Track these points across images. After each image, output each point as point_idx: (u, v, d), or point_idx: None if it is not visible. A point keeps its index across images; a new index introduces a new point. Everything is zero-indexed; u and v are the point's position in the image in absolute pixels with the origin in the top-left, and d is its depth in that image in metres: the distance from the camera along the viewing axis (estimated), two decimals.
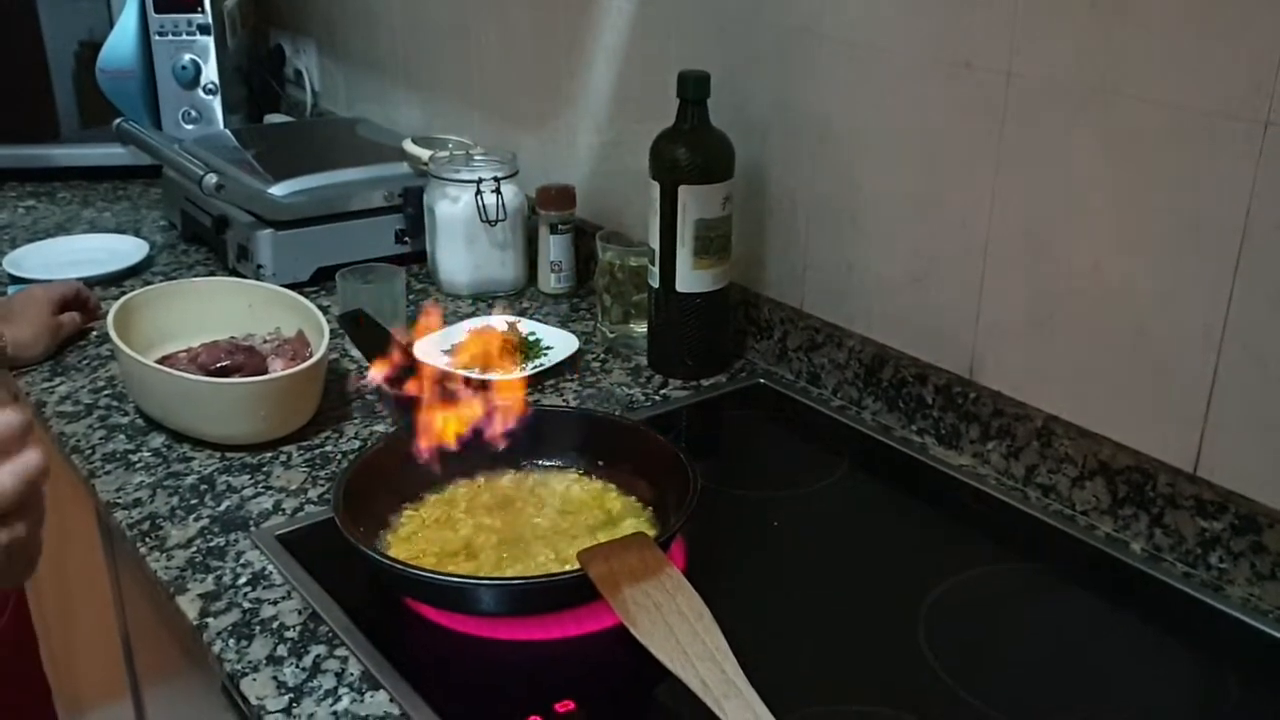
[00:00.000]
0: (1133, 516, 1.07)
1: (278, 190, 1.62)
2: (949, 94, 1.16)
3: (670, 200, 1.31)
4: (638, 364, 1.42)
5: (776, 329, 1.41)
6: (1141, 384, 1.06)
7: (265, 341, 1.37)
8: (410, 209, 1.67)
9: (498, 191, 1.56)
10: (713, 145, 1.32)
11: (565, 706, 0.86)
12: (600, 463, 1.12)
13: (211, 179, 1.55)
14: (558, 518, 1.06)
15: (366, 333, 1.31)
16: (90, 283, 1.63)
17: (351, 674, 0.90)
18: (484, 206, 1.55)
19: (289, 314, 1.38)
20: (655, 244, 1.34)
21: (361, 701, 0.88)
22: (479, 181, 1.55)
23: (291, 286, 1.59)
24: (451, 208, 1.58)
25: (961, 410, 1.21)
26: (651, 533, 1.04)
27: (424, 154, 1.64)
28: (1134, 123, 1.01)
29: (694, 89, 1.30)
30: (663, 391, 1.36)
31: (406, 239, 1.69)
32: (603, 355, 1.45)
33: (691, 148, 1.30)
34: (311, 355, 1.27)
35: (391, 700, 0.88)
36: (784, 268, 1.41)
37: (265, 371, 1.29)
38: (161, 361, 1.32)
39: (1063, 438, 1.12)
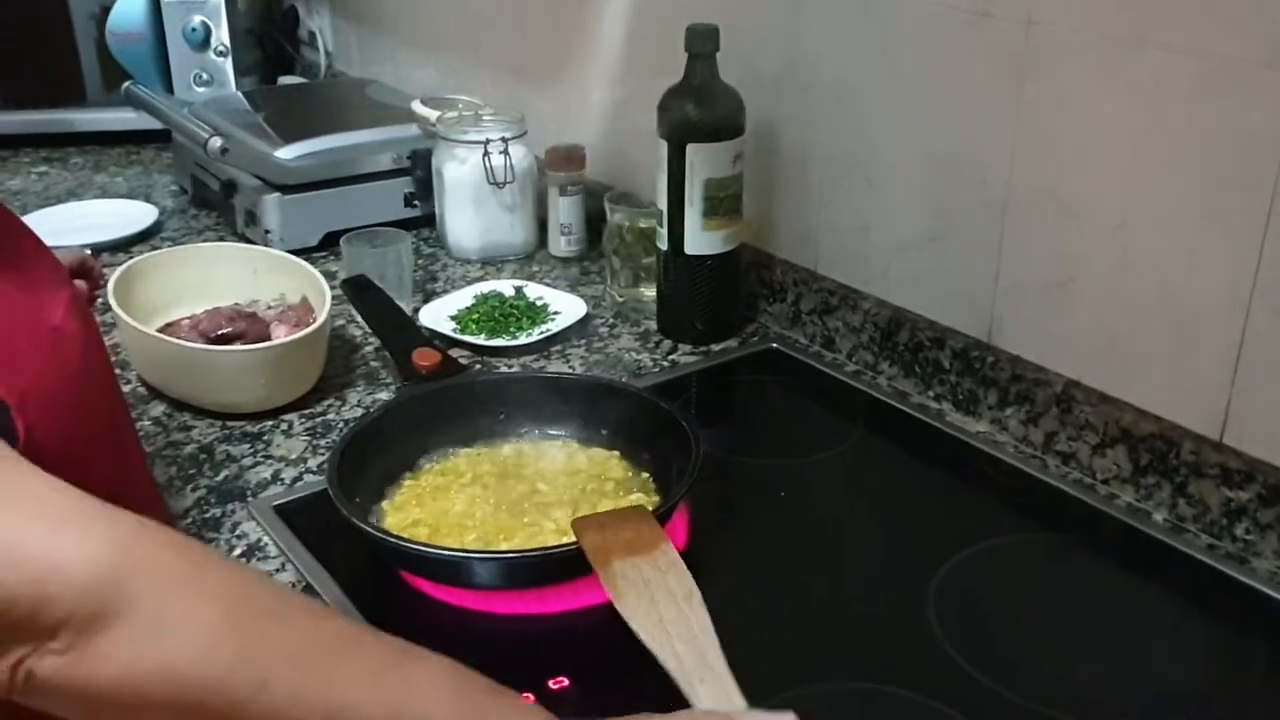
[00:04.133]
0: (1155, 486, 1.03)
1: (284, 154, 1.59)
2: (966, 44, 1.11)
3: (678, 159, 1.27)
4: (647, 329, 1.39)
5: (790, 291, 1.37)
6: (1165, 348, 1.01)
7: (269, 308, 1.35)
8: (419, 171, 1.64)
9: (506, 153, 1.52)
10: (722, 101, 1.27)
11: (559, 683, 0.84)
12: (604, 431, 1.09)
13: (216, 142, 1.53)
14: (558, 488, 1.03)
15: (370, 299, 1.29)
16: (98, 249, 1.61)
17: None
18: (491, 168, 1.52)
19: (294, 280, 1.35)
20: (663, 205, 1.30)
21: None
22: (486, 143, 1.52)
23: (300, 252, 1.57)
24: (459, 169, 1.55)
25: (979, 375, 1.17)
26: (654, 501, 1.01)
27: (432, 115, 1.60)
28: (1162, 73, 0.96)
29: (702, 42, 1.25)
30: (671, 357, 1.33)
31: (416, 202, 1.66)
32: (612, 320, 1.42)
33: (700, 104, 1.26)
34: (315, 322, 1.25)
35: None
36: (797, 228, 1.37)
37: (268, 339, 1.27)
38: (164, 329, 1.30)
39: (1083, 404, 1.08)
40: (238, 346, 1.22)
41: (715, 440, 1.19)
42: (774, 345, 1.35)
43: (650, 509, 0.97)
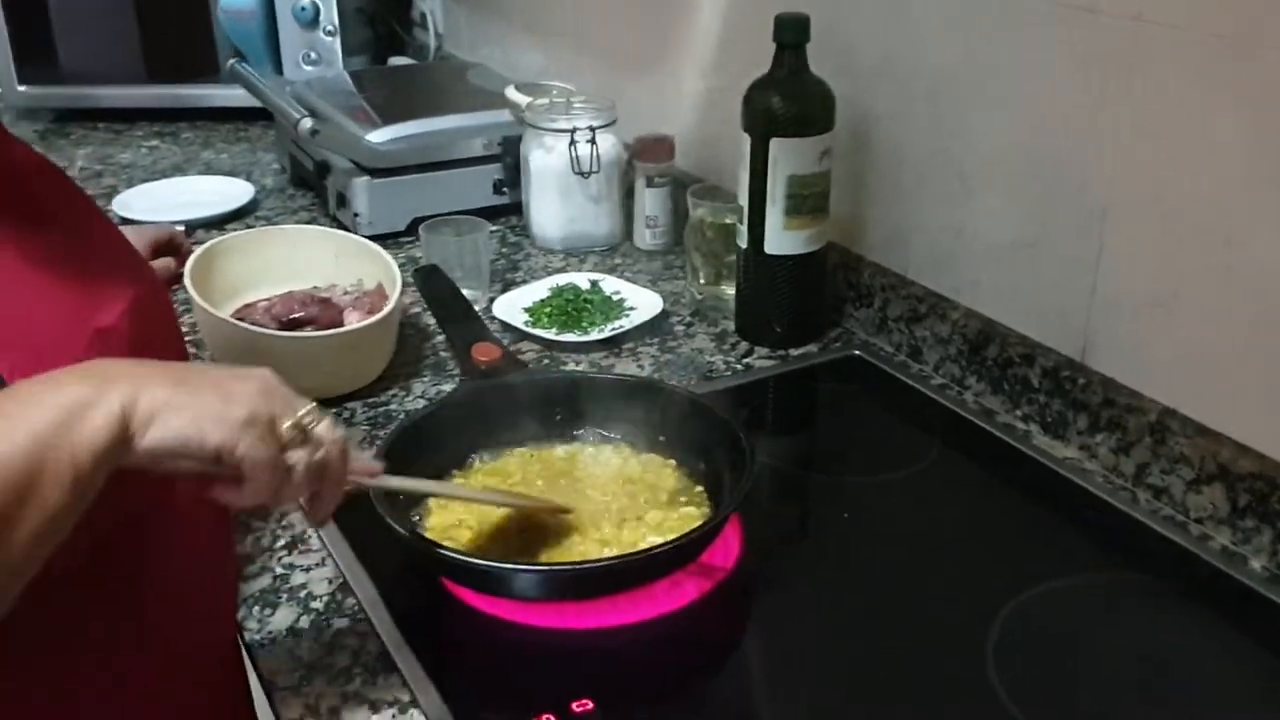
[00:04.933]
0: (1254, 529, 0.94)
1: (375, 137, 1.59)
2: (1070, 41, 1.03)
3: (761, 153, 1.21)
4: (725, 329, 1.34)
5: (877, 296, 1.31)
6: (1272, 377, 0.92)
7: (345, 293, 1.34)
8: (509, 158, 1.61)
9: (593, 142, 1.48)
10: (810, 94, 1.21)
11: (583, 706, 0.80)
12: (661, 437, 1.05)
13: (307, 124, 1.52)
14: (608, 495, 1.00)
15: (438, 288, 1.26)
16: (192, 225, 1.63)
17: (369, 653, 0.86)
18: (577, 157, 1.48)
19: (371, 266, 1.34)
20: (744, 201, 1.25)
21: (373, 684, 0.83)
22: (573, 131, 1.48)
23: (387, 236, 1.57)
24: (545, 158, 1.51)
25: (1070, 397, 1.09)
26: (704, 514, 0.97)
27: (523, 101, 1.57)
28: (1277, 76, 0.87)
29: (790, 32, 1.19)
30: (746, 360, 1.28)
31: (505, 190, 1.64)
32: (689, 318, 1.37)
33: (786, 97, 1.20)
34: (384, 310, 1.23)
35: (403, 684, 0.83)
36: (888, 230, 1.30)
37: (340, 324, 1.26)
38: (241, 310, 1.30)
39: (1179, 434, 0.99)
40: (302, 333, 1.21)
41: (783, 452, 1.15)
42: (857, 353, 1.29)
43: (699, 522, 0.93)
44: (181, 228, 1.59)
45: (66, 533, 0.60)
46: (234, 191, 1.76)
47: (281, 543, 0.99)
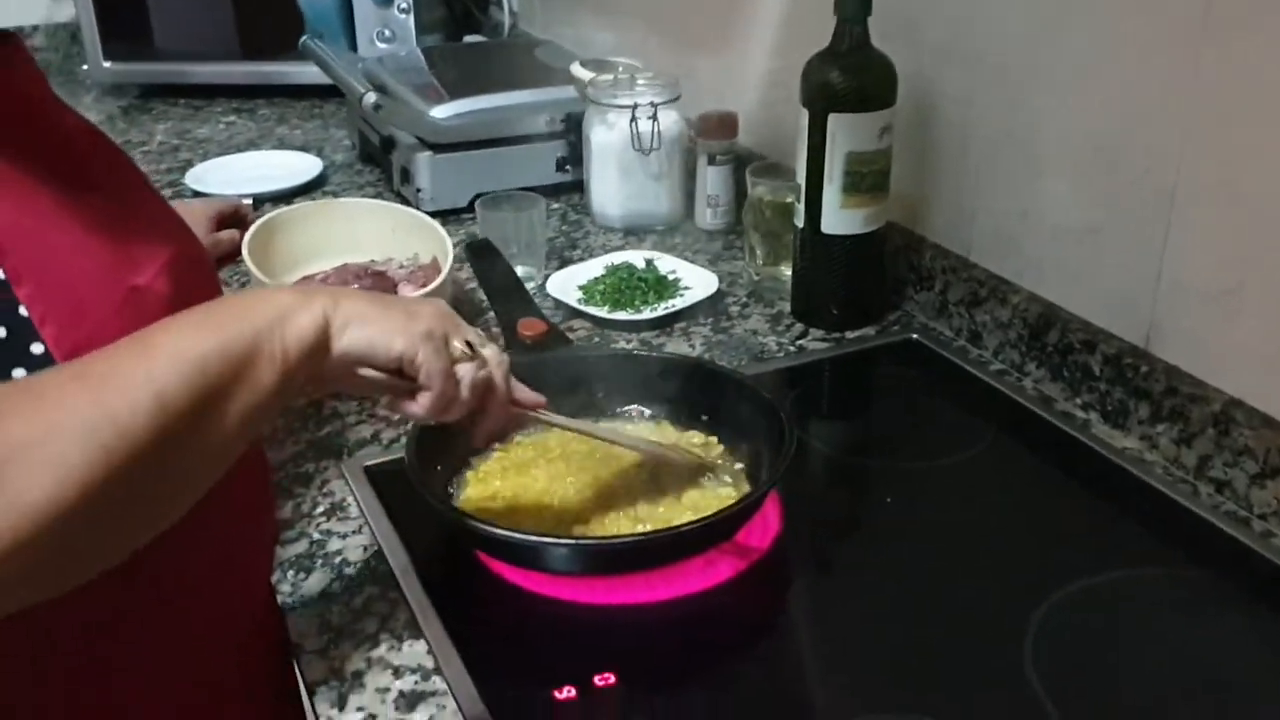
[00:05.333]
0: None
1: (439, 112, 1.59)
2: (1143, 19, 0.99)
3: (819, 129, 1.19)
4: (780, 310, 1.32)
5: (938, 279, 1.27)
6: None
7: (401, 267, 1.34)
8: (572, 135, 1.61)
9: (654, 118, 1.47)
10: (871, 69, 1.18)
11: (605, 679, 0.79)
12: (704, 416, 1.03)
13: (371, 98, 1.53)
14: (647, 471, 0.98)
15: (488, 263, 1.26)
16: (260, 199, 1.66)
17: (397, 620, 0.86)
18: (638, 134, 1.47)
19: (427, 240, 1.34)
20: (801, 179, 1.23)
21: (398, 650, 0.83)
22: (634, 107, 1.46)
23: (450, 212, 1.57)
24: (606, 134, 1.50)
25: (1131, 385, 1.05)
26: (744, 491, 0.95)
27: (587, 76, 1.56)
28: None
29: (852, 5, 1.16)
30: (800, 342, 1.25)
31: (568, 167, 1.63)
32: (745, 299, 1.35)
33: (846, 71, 1.17)
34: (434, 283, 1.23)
35: (428, 652, 0.82)
36: (952, 210, 1.27)
37: None
38: (298, 282, 1.31)
39: (1244, 426, 0.95)
40: None
41: (832, 436, 1.12)
42: (914, 336, 1.26)
43: (735, 499, 0.92)
44: (249, 201, 1.63)
45: (268, 423, 0.73)
46: (303, 166, 1.78)
47: (321, 509, 0.99)
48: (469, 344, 0.77)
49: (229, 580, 0.82)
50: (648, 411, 1.05)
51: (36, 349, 0.64)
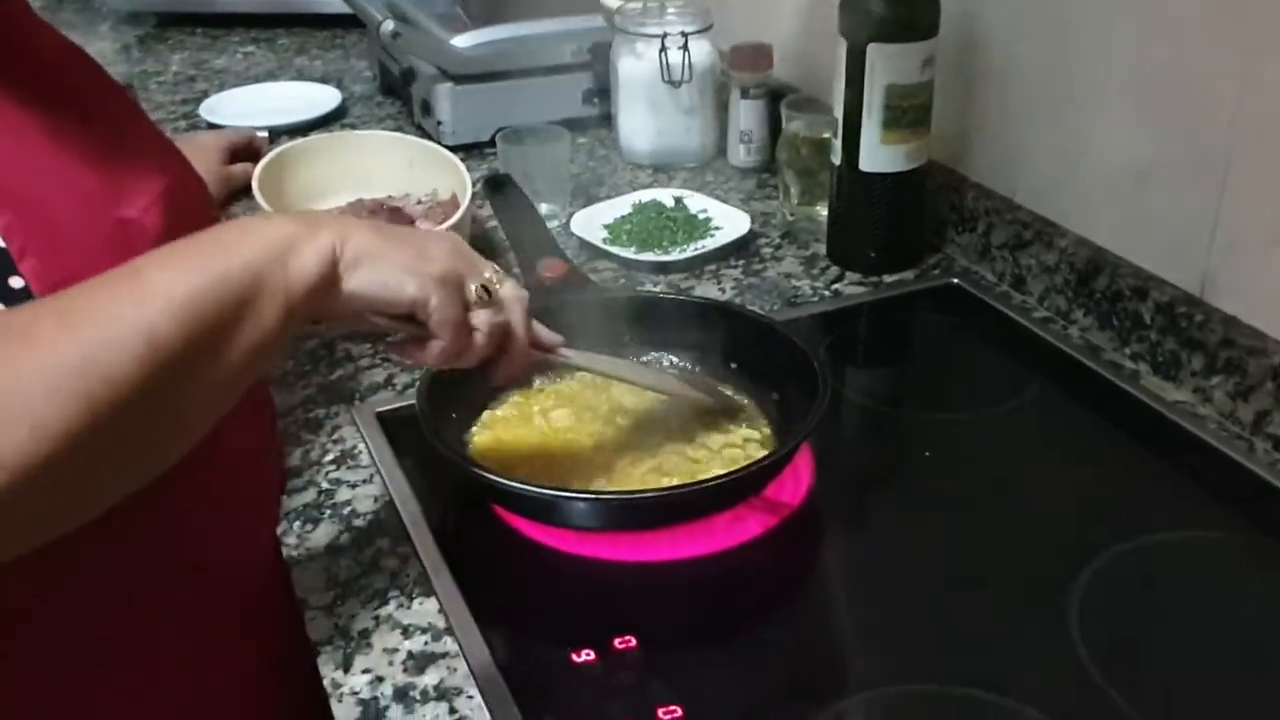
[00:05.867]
0: None
1: (460, 41, 1.53)
2: None
3: (858, 61, 1.12)
4: (815, 252, 1.26)
5: (981, 221, 1.21)
6: None
7: (419, 203, 1.29)
8: (599, 66, 1.54)
9: (685, 49, 1.40)
10: None
11: (625, 643, 0.75)
12: (732, 364, 0.98)
13: (389, 26, 1.47)
14: (672, 423, 0.93)
15: (508, 200, 1.21)
16: (277, 131, 1.60)
17: (407, 576, 0.82)
18: (668, 65, 1.40)
19: (445, 176, 1.29)
20: (839, 113, 1.16)
21: (407, 608, 0.79)
22: (664, 37, 1.40)
23: (472, 146, 1.51)
24: (635, 65, 1.44)
25: (1185, 335, 0.99)
26: (769, 445, 0.90)
27: (615, 3, 1.49)
28: None
29: None
30: (835, 286, 1.20)
31: (595, 100, 1.56)
32: (778, 240, 1.29)
33: None
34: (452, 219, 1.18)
35: (439, 611, 0.79)
36: (997, 149, 1.20)
37: None
38: (301, 212, 1.26)
39: None
40: None
41: (868, 386, 1.07)
42: (955, 281, 1.20)
43: (764, 453, 0.87)
44: (264, 134, 1.58)
45: (270, 364, 0.64)
46: (321, 98, 1.72)
47: (330, 457, 0.95)
48: (485, 288, 0.72)
49: (232, 531, 0.79)
50: (673, 358, 1.01)
51: (15, 283, 0.59)
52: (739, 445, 0.92)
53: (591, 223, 1.29)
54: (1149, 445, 0.97)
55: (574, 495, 0.82)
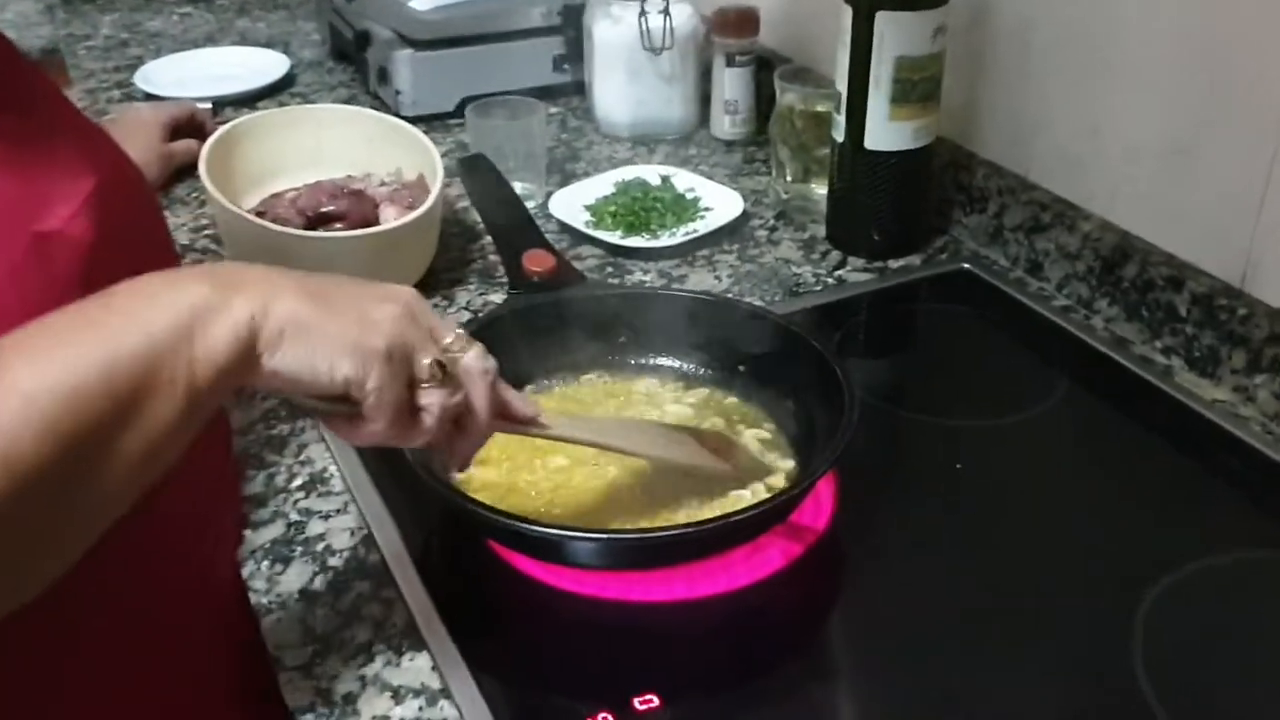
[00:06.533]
0: None
1: (420, 3, 1.41)
2: None
3: (864, 29, 1.03)
4: (814, 235, 1.17)
5: (992, 201, 1.13)
6: None
7: (382, 184, 1.18)
8: (571, 30, 1.43)
9: (666, 12, 1.30)
10: None
11: (646, 703, 0.67)
12: (741, 367, 0.90)
13: None
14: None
15: (484, 182, 1.11)
16: (220, 103, 1.48)
17: (394, 625, 0.73)
18: (647, 30, 1.30)
19: (410, 154, 1.18)
20: (843, 86, 1.07)
21: (396, 665, 0.70)
22: (644, 0, 1.30)
23: (433, 118, 1.41)
24: (612, 30, 1.33)
25: (1225, 329, 0.92)
26: (787, 469, 0.82)
27: None
28: None
29: None
30: (839, 273, 1.11)
31: (566, 66, 1.46)
32: (773, 222, 1.20)
33: None
34: (422, 207, 1.08)
35: (433, 668, 0.70)
36: (1009, 123, 1.12)
37: (373, 221, 1.11)
38: (267, 201, 1.15)
39: None
40: (328, 232, 1.06)
41: (883, 387, 0.99)
42: (965, 266, 1.12)
43: (784, 483, 0.79)
44: (207, 105, 1.46)
45: (172, 462, 0.53)
46: (267, 65, 1.60)
47: (298, 482, 0.86)
48: (439, 363, 0.60)
49: (184, 574, 0.70)
50: (677, 364, 0.92)
51: None
52: (758, 460, 0.83)
53: (572, 204, 1.19)
54: (1187, 449, 0.90)
55: (582, 536, 0.73)
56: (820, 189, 1.17)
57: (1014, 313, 1.06)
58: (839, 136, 1.10)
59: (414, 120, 1.39)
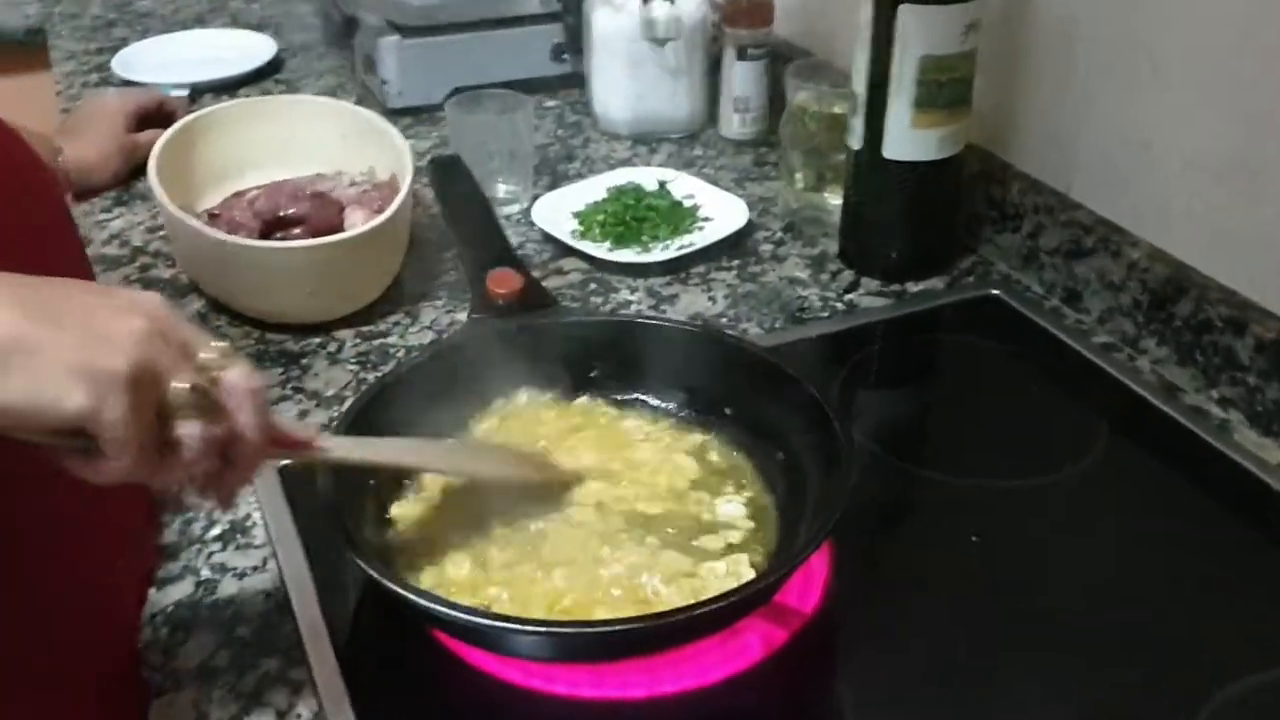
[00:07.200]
0: None
1: None
2: None
3: (885, 25, 0.91)
4: (824, 251, 1.05)
5: (1027, 219, 1.00)
6: None
7: (353, 184, 1.08)
8: (571, 17, 1.32)
9: (671, 0, 1.18)
10: None
11: None
12: (728, 410, 0.78)
13: None
14: (647, 511, 0.73)
15: (456, 187, 1.00)
16: (200, 89, 1.39)
17: (298, 717, 0.62)
18: (651, 19, 1.18)
19: (384, 152, 1.07)
20: (860, 88, 0.95)
21: None
22: None
23: (422, 110, 1.31)
24: (612, 19, 1.22)
25: None
26: (771, 538, 0.70)
27: None
28: None
29: None
30: (850, 296, 0.99)
31: (566, 56, 1.35)
32: (780, 234, 1.08)
33: None
34: (383, 215, 0.97)
35: None
36: (1048, 132, 0.99)
37: (337, 227, 1.00)
38: (229, 201, 1.05)
39: None
40: (279, 242, 0.95)
41: (891, 436, 0.86)
42: (994, 292, 1.00)
43: (753, 570, 0.67)
44: (184, 92, 1.36)
45: None
46: (254, 49, 1.49)
47: (216, 532, 0.75)
48: (199, 386, 0.51)
49: (83, 631, 0.60)
50: (653, 400, 0.80)
51: None
52: (736, 518, 0.72)
53: (559, 210, 1.08)
54: (1248, 523, 0.77)
55: (524, 629, 0.61)
56: (835, 199, 1.05)
57: (1048, 349, 0.94)
58: (855, 144, 0.98)
59: (402, 113, 1.30)
